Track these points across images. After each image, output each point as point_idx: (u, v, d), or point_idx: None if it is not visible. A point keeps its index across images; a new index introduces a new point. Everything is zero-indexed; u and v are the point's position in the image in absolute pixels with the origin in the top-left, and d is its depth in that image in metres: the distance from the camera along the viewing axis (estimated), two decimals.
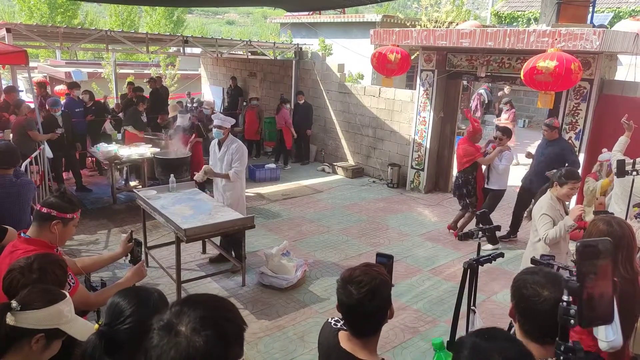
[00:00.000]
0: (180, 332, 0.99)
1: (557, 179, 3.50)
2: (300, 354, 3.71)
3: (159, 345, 0.99)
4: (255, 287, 4.77)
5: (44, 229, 2.23)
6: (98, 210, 6.86)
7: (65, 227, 2.27)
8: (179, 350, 0.97)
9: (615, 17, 12.53)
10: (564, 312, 1.26)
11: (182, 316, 1.01)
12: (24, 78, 12.21)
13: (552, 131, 5.55)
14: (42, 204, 2.25)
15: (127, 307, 1.45)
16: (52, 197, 2.28)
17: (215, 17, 54.64)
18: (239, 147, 4.91)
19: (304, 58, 10.30)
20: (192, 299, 1.09)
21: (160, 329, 1.02)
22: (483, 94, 13.14)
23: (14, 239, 2.93)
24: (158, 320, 1.04)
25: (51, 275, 1.75)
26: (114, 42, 8.15)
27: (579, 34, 5.29)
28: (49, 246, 2.22)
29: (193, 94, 13.10)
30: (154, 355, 0.99)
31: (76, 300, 2.16)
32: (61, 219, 2.23)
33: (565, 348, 1.24)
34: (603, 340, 1.29)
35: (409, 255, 5.68)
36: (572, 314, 1.24)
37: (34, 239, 2.21)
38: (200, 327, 0.99)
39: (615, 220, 2.36)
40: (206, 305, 1.06)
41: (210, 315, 1.03)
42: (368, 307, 1.48)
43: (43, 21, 22.58)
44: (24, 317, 1.46)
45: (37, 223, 2.25)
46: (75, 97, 8.26)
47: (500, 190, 5.91)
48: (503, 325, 4.10)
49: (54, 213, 2.22)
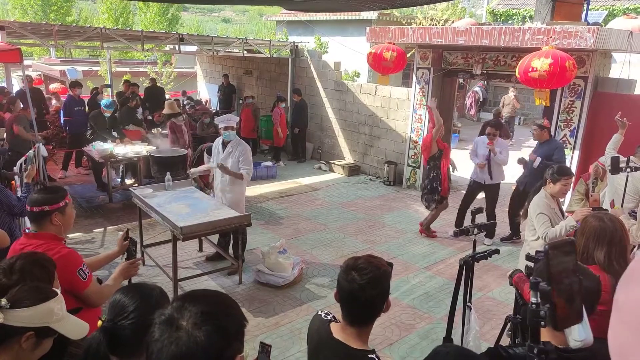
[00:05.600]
0: (182, 327, 1.00)
1: (550, 176, 3.52)
2: (297, 351, 3.73)
3: (160, 340, 1.00)
4: (252, 285, 4.77)
5: (45, 225, 2.25)
6: (94, 209, 6.84)
7: (65, 214, 2.30)
8: (180, 344, 0.98)
9: (609, 14, 12.59)
10: (533, 315, 1.25)
11: (184, 311, 1.03)
12: (18, 76, 12.13)
13: (542, 131, 5.54)
14: (31, 205, 2.25)
15: (130, 303, 1.47)
16: (36, 195, 2.30)
17: (211, 14, 54.41)
18: (246, 150, 4.92)
19: (300, 56, 10.29)
20: (194, 294, 1.10)
21: (161, 324, 1.03)
22: (478, 92, 13.18)
23: (6, 240, 2.93)
24: (159, 314, 1.05)
25: (30, 276, 1.73)
26: (109, 39, 8.11)
27: (574, 32, 5.32)
28: (56, 238, 2.26)
29: (189, 92, 13.07)
30: (155, 349, 1.00)
31: (93, 290, 2.19)
32: (57, 210, 2.26)
33: (538, 350, 1.24)
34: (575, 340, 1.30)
35: (405, 252, 5.70)
36: (542, 315, 1.23)
37: (40, 233, 2.24)
38: (201, 322, 1.00)
39: (607, 216, 2.38)
40: (207, 300, 1.07)
41: (211, 311, 1.04)
42: (368, 294, 1.52)
43: (37, 19, 22.41)
44: (13, 315, 1.45)
45: (36, 223, 2.26)
46: (76, 95, 8.27)
47: (499, 183, 5.93)
48: (498, 321, 4.14)
49: (47, 208, 2.24)
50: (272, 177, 8.76)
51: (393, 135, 8.70)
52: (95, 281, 2.26)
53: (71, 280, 2.13)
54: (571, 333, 1.28)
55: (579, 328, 1.25)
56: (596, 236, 2.29)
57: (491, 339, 3.62)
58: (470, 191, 6.12)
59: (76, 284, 2.16)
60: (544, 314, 1.23)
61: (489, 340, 3.70)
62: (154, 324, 1.04)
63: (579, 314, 1.20)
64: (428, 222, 6.17)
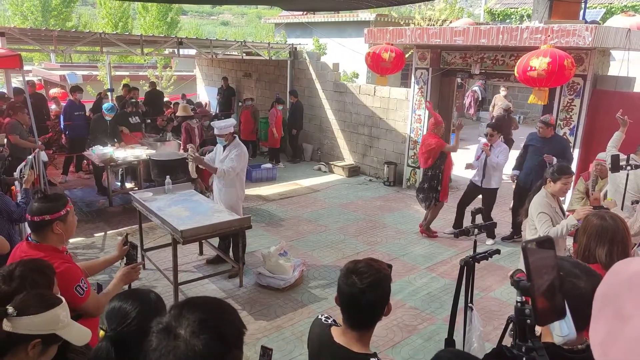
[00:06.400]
0: (179, 336, 0.98)
1: (550, 175, 3.51)
2: (299, 354, 3.71)
3: (158, 349, 0.98)
4: (252, 288, 4.76)
5: (47, 235, 2.21)
6: (94, 213, 6.84)
7: (66, 223, 2.26)
8: (178, 353, 0.96)
9: (607, 13, 12.59)
10: (519, 313, 1.26)
11: (181, 319, 1.01)
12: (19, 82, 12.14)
13: (548, 128, 5.56)
14: (32, 214, 2.21)
15: (131, 309, 1.46)
16: (36, 204, 2.24)
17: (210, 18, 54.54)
18: (240, 152, 4.86)
19: (299, 58, 10.29)
20: (192, 301, 1.08)
21: (159, 332, 1.01)
22: (477, 91, 13.17)
23: (6, 247, 2.92)
24: (157, 323, 1.03)
25: (30, 283, 1.72)
26: (108, 44, 8.13)
27: (572, 30, 5.31)
28: (56, 251, 2.22)
29: (188, 95, 13.08)
30: (153, 358, 0.98)
31: (90, 304, 2.16)
32: (58, 219, 2.22)
33: (526, 348, 1.25)
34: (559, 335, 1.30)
35: (406, 253, 5.69)
36: (528, 313, 1.25)
37: (41, 245, 2.20)
38: (199, 331, 0.98)
39: (608, 214, 2.37)
40: (205, 308, 1.06)
41: (209, 319, 1.02)
42: (369, 298, 1.52)
43: (37, 25, 22.47)
44: (20, 323, 1.45)
45: (37, 232, 2.23)
46: (77, 100, 8.29)
47: (496, 188, 5.89)
48: (501, 321, 4.13)
49: (48, 217, 2.20)
50: (272, 179, 8.76)
51: (392, 136, 8.69)
52: (93, 293, 2.22)
53: (68, 297, 2.11)
54: (554, 329, 1.29)
55: (561, 324, 1.26)
56: (598, 235, 2.28)
57: (494, 339, 3.61)
58: (467, 191, 6.10)
59: (73, 300, 2.12)
60: (528, 312, 1.25)
61: (491, 341, 3.68)
62: (152, 332, 1.02)
63: (561, 310, 1.21)
64: (428, 223, 6.16)
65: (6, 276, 1.73)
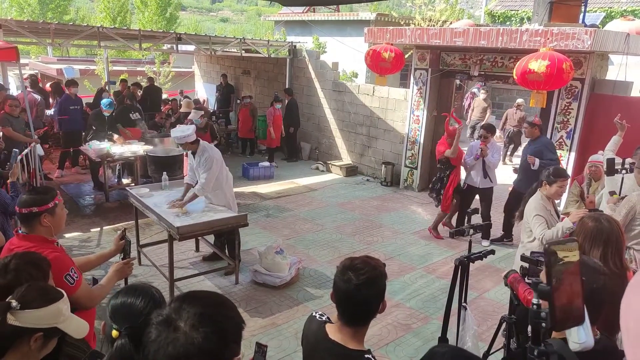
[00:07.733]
0: (179, 328, 0.99)
1: (546, 178, 3.53)
2: (294, 351, 3.72)
3: (157, 340, 0.99)
4: (248, 285, 4.77)
5: (35, 226, 2.21)
6: (90, 208, 6.81)
7: (54, 215, 2.24)
8: (177, 346, 0.97)
9: (607, 17, 12.63)
10: (534, 316, 1.24)
11: (182, 312, 1.02)
12: (15, 75, 12.08)
13: (533, 128, 5.56)
14: (20, 206, 2.21)
15: (143, 305, 1.45)
16: (24, 196, 2.25)
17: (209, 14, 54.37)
18: (208, 158, 4.53)
19: (298, 56, 10.28)
20: (192, 295, 1.09)
21: (159, 324, 1.02)
22: (476, 93, 13.18)
23: (1, 240, 2.91)
24: (157, 314, 1.04)
25: (26, 276, 1.72)
26: (106, 38, 8.09)
27: (571, 34, 5.34)
28: (46, 241, 2.21)
29: (186, 92, 13.04)
30: (152, 349, 0.99)
31: (81, 294, 2.16)
32: (46, 211, 2.21)
33: (539, 352, 1.24)
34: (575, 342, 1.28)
35: (402, 253, 5.70)
36: (543, 317, 1.23)
37: (31, 236, 2.20)
38: (199, 324, 0.99)
39: (603, 217, 2.39)
40: (206, 302, 1.07)
41: (209, 313, 1.03)
42: (364, 295, 1.53)
43: (34, 17, 22.33)
44: (24, 316, 1.46)
45: (25, 224, 2.22)
46: (72, 94, 8.23)
47: (492, 187, 5.94)
48: (494, 321, 4.14)
49: (36, 209, 2.19)
50: (269, 178, 8.75)
51: (390, 136, 8.70)
52: (84, 284, 2.21)
53: (58, 286, 2.11)
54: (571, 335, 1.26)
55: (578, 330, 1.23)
56: (592, 236, 2.30)
57: (487, 339, 3.62)
58: (464, 196, 6.11)
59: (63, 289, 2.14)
60: (545, 315, 1.22)
61: (485, 341, 3.70)
62: (151, 324, 1.03)
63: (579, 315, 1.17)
64: (435, 223, 6.21)
65: (1, 269, 1.73)
